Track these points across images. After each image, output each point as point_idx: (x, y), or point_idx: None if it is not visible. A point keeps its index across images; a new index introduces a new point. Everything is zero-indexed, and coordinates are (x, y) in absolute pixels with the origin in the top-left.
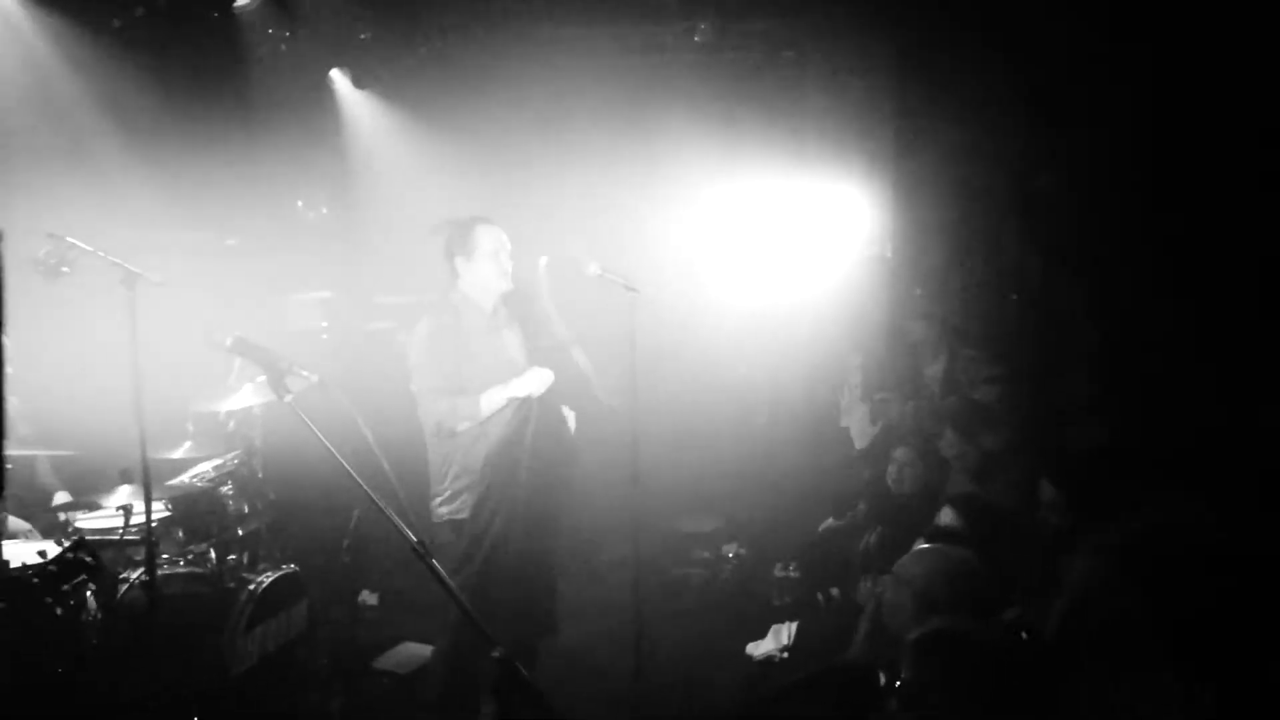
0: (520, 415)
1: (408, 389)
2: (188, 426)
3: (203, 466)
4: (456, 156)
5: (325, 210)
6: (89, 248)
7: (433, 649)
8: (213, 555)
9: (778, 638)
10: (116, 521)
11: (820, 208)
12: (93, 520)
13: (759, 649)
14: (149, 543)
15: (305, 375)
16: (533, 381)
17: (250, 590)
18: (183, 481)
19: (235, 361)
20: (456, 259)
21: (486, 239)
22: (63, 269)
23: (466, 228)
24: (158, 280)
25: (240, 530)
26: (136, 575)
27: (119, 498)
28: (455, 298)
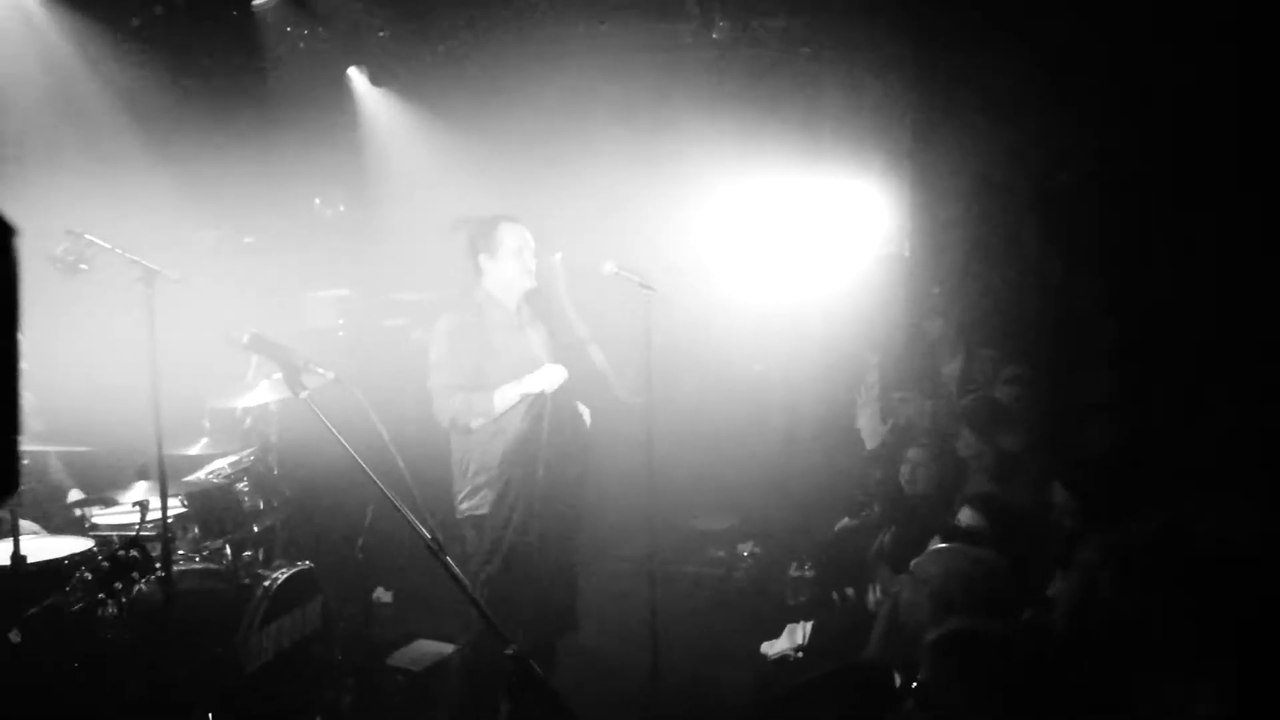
0: (534, 411)
1: (424, 386)
2: (204, 423)
3: (219, 463)
4: (473, 154)
5: (342, 208)
6: (108, 245)
7: (454, 648)
8: (228, 551)
9: (793, 637)
10: (132, 518)
11: (837, 205)
12: (109, 516)
13: (774, 648)
14: (165, 539)
15: (321, 372)
16: (546, 377)
17: (265, 587)
18: (199, 478)
19: (252, 358)
20: (480, 256)
21: (511, 237)
22: (81, 266)
23: (491, 225)
24: (176, 277)
25: (255, 527)
26: None
27: (135, 494)
28: (479, 295)
